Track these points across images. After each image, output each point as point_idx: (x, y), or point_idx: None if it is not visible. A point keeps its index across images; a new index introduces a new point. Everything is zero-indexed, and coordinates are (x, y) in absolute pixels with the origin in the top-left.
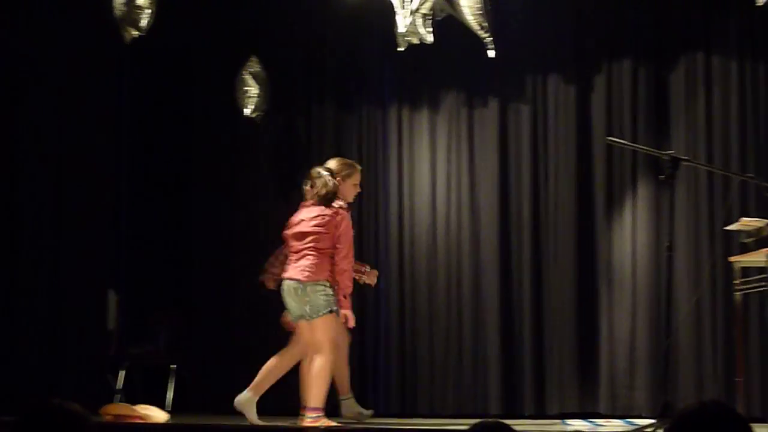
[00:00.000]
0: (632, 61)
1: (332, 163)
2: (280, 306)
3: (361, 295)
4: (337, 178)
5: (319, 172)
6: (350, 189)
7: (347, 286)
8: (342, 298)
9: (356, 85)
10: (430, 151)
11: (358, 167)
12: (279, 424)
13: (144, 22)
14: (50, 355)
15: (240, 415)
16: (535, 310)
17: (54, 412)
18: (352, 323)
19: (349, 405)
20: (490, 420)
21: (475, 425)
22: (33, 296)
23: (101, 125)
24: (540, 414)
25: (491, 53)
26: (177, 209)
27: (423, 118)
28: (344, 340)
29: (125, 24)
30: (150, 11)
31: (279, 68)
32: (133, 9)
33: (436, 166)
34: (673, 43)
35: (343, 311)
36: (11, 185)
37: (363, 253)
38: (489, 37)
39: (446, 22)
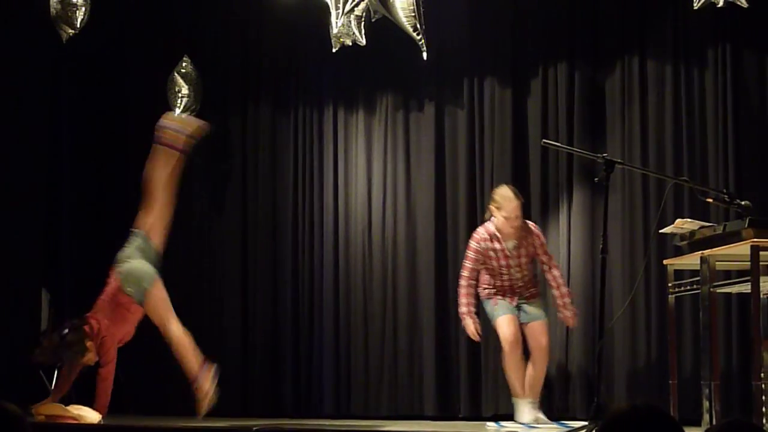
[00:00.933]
0: (568, 65)
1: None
2: (216, 309)
3: (295, 296)
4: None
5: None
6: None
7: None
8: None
9: (292, 85)
10: (366, 152)
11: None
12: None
13: (78, 20)
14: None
15: (171, 414)
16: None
17: None
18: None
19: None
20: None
21: None
22: None
23: (37, 129)
24: (475, 416)
25: (425, 55)
26: (113, 209)
27: (359, 119)
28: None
29: (61, 22)
30: (84, 9)
31: (214, 68)
32: (67, 7)
33: (371, 168)
34: (609, 46)
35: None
36: None
37: (299, 253)
38: (422, 39)
39: (383, 23)
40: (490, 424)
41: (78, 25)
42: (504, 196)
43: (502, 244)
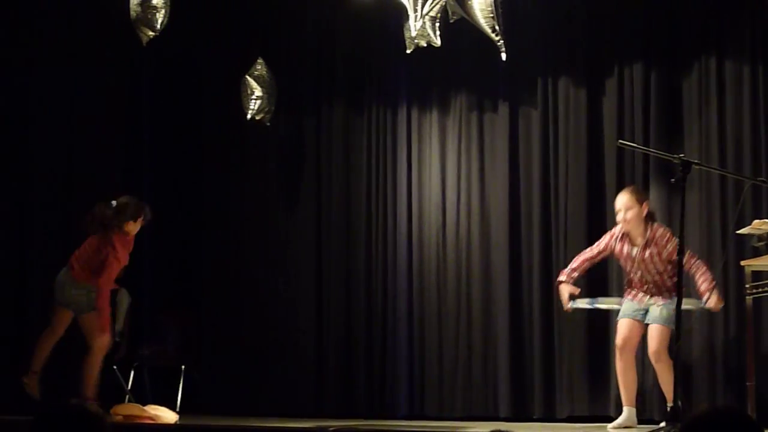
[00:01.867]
0: (644, 65)
1: None
2: (291, 308)
3: (369, 296)
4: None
5: None
6: None
7: None
8: None
9: (366, 86)
10: (440, 153)
11: None
12: None
13: (158, 22)
14: (60, 354)
15: (249, 415)
16: (545, 312)
17: (72, 412)
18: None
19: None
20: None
21: None
22: (40, 294)
23: (115, 130)
24: (550, 417)
25: (503, 56)
26: (187, 210)
27: (433, 119)
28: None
29: (140, 25)
30: (164, 11)
31: (288, 70)
32: (148, 9)
33: (445, 169)
34: (685, 46)
35: None
36: (23, 187)
37: (372, 254)
38: (501, 40)
39: (457, 24)
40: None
41: (158, 27)
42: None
43: (627, 245)
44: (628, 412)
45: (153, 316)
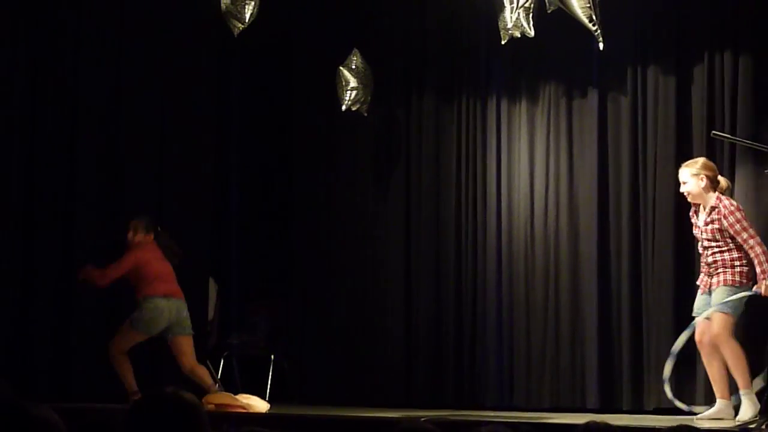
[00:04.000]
0: (732, 53)
1: None
2: (380, 298)
3: (458, 286)
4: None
5: None
6: None
7: None
8: None
9: (456, 76)
10: (529, 143)
11: None
12: None
13: (248, 14)
14: (149, 344)
15: (338, 404)
16: (634, 304)
17: (169, 400)
18: None
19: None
20: (599, 422)
21: (584, 425)
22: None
23: (205, 120)
24: (638, 409)
25: (601, 45)
26: (278, 200)
27: (522, 110)
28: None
29: (230, 17)
30: (254, 3)
31: (379, 60)
32: (237, 1)
33: (534, 159)
34: None
35: None
36: (116, 181)
37: (461, 243)
38: (598, 30)
39: (549, 14)
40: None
41: (247, 20)
42: None
43: (695, 217)
44: (719, 404)
45: (242, 305)
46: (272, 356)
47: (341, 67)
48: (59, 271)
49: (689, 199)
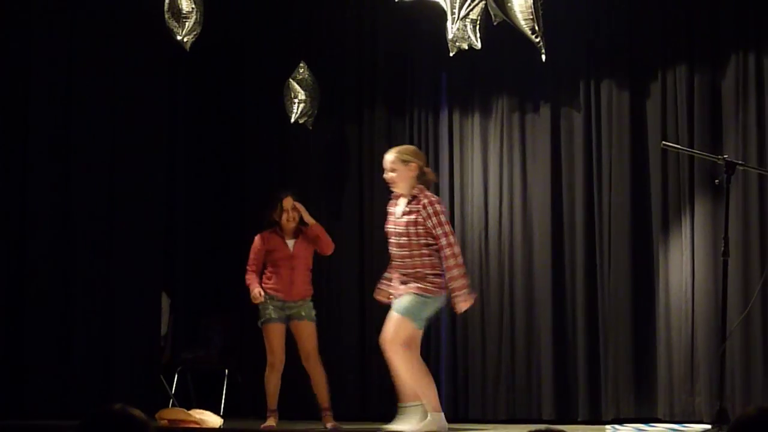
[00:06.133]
0: (687, 66)
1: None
2: (334, 310)
3: None
4: None
5: None
6: None
7: None
8: None
9: (408, 89)
10: (482, 156)
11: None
12: None
13: (185, 30)
14: (103, 359)
15: (293, 418)
16: (589, 315)
17: (116, 417)
18: None
19: None
20: (541, 427)
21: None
22: (86, 301)
23: (154, 131)
24: (595, 420)
25: (543, 57)
26: (228, 213)
27: (475, 122)
28: None
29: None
30: (193, 19)
31: (330, 73)
32: (176, 17)
33: (488, 172)
34: (728, 46)
35: None
36: (65, 189)
37: None
38: (540, 41)
39: (499, 27)
40: None
41: (187, 35)
42: None
43: (392, 207)
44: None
45: (195, 320)
46: (226, 371)
47: (290, 80)
48: (8, 289)
49: (392, 187)
